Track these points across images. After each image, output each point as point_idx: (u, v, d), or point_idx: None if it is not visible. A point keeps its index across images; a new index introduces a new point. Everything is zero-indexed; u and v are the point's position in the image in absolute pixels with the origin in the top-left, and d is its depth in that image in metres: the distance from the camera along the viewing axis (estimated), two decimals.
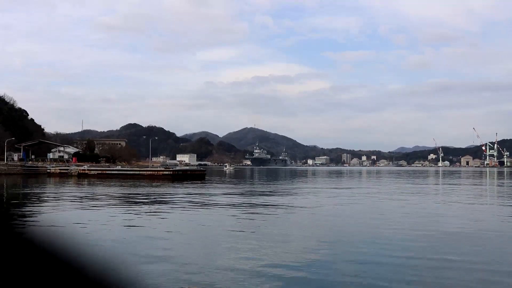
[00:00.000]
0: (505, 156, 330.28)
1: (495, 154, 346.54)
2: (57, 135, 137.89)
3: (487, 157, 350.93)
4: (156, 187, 41.46)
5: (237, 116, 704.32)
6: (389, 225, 16.55)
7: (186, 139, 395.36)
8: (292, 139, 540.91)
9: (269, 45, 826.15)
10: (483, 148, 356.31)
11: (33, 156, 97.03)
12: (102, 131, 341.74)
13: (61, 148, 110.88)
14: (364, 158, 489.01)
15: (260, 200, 28.04)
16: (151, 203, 25.58)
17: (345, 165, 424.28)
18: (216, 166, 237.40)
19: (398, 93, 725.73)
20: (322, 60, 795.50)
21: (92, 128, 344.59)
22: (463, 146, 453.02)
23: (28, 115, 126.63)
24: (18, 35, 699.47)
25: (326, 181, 61.50)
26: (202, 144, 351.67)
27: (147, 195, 31.32)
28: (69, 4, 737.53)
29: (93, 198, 29.12)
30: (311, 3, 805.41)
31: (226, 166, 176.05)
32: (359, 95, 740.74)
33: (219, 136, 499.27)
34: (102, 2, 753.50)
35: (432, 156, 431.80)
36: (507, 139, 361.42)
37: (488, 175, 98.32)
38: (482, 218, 19.28)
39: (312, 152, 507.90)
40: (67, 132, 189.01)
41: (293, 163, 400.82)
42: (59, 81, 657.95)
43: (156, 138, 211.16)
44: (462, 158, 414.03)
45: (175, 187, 41.65)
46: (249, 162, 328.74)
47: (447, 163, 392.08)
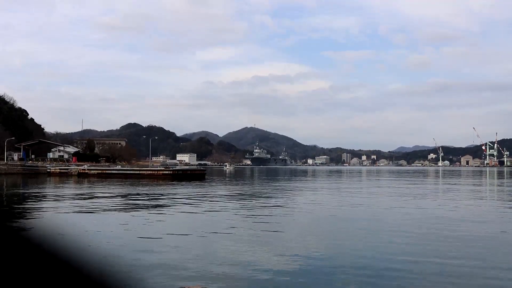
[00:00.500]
0: (505, 156, 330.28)
1: (495, 154, 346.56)
2: (57, 135, 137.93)
3: (487, 157, 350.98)
4: (156, 187, 41.43)
5: (237, 116, 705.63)
6: (390, 227, 16.52)
7: (186, 139, 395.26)
8: (292, 139, 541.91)
9: (269, 45, 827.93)
10: (483, 148, 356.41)
11: (33, 156, 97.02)
12: (102, 131, 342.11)
13: (61, 148, 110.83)
14: (364, 158, 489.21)
15: (260, 200, 28.01)
16: (151, 203, 25.55)
17: (345, 165, 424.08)
18: (216, 166, 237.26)
19: (398, 93, 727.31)
20: (322, 60, 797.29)
21: (92, 128, 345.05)
22: (463, 146, 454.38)
23: (28, 115, 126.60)
24: (18, 35, 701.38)
25: (327, 181, 61.48)
26: (202, 144, 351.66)
27: (147, 195, 31.29)
28: (69, 4, 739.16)
29: (93, 198, 29.09)
30: (311, 3, 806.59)
31: (226, 166, 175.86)
32: (359, 95, 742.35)
33: (219, 136, 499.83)
34: (102, 2, 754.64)
35: (432, 156, 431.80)
36: (507, 139, 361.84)
37: (488, 175, 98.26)
38: (486, 220, 19.24)
39: (312, 152, 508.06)
40: (67, 132, 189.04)
41: (293, 163, 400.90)
42: (59, 81, 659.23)
43: (156, 138, 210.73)
44: (462, 158, 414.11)
45: (175, 187, 41.61)
46: (249, 162, 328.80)
47: (447, 163, 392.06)
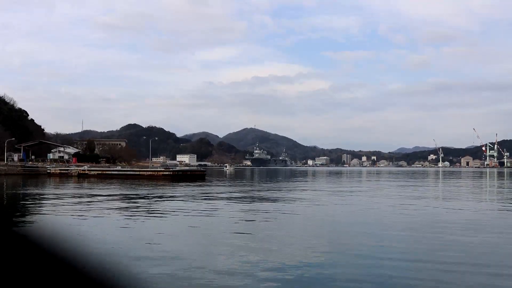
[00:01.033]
0: (505, 157, 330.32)
1: (495, 155, 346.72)
2: (57, 136, 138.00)
3: (487, 158, 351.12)
4: (156, 188, 41.40)
5: (237, 116, 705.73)
6: (391, 229, 16.51)
7: (186, 140, 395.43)
8: (292, 140, 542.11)
9: (269, 45, 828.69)
10: (483, 149, 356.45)
11: (33, 157, 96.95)
12: (102, 131, 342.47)
13: (61, 149, 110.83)
14: (364, 159, 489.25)
15: (260, 201, 27.99)
16: (150, 204, 25.52)
17: (345, 166, 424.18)
18: (216, 167, 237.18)
19: (398, 93, 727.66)
20: (322, 60, 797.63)
21: (92, 128, 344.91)
22: (463, 147, 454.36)
23: (28, 115, 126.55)
24: (18, 35, 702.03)
25: (326, 182, 61.43)
26: (202, 145, 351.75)
27: (147, 196, 31.27)
28: (69, 4, 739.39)
29: (93, 199, 29.06)
30: (310, 3, 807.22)
31: (226, 167, 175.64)
32: (359, 95, 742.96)
33: (219, 137, 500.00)
34: (102, 2, 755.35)
35: (432, 157, 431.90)
36: (507, 140, 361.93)
37: (488, 176, 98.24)
38: (485, 221, 19.22)
39: (312, 153, 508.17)
40: (67, 133, 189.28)
41: (293, 164, 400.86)
42: (59, 81, 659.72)
43: (156, 139, 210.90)
44: (462, 159, 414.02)
45: (175, 188, 41.59)
46: (249, 163, 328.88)
47: (447, 164, 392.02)
